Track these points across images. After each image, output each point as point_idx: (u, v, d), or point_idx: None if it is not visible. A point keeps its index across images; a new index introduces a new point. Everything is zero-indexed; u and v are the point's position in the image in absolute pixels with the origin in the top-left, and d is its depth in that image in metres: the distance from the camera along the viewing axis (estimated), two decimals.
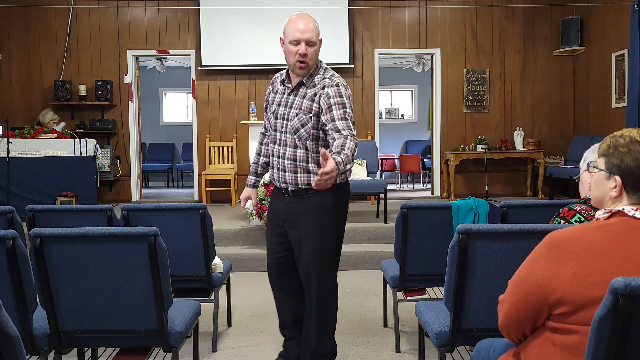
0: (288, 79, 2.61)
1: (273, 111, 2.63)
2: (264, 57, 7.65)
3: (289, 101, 2.57)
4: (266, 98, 2.75)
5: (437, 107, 8.03)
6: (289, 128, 2.55)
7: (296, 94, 2.56)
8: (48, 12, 7.77)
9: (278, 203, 2.67)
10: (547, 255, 1.35)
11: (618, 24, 6.78)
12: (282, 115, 2.58)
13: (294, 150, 2.55)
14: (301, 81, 2.55)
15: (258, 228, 5.57)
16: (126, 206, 3.09)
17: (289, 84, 2.60)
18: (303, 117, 2.52)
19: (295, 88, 2.57)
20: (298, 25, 2.48)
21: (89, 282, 2.18)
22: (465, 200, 3.23)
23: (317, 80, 2.54)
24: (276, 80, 2.70)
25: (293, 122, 2.53)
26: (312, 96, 2.52)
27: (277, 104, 2.63)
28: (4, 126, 6.19)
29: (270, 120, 2.66)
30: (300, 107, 2.53)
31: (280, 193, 2.67)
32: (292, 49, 2.46)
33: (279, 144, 2.60)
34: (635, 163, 1.37)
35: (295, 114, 2.53)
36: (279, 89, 2.66)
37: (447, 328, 2.26)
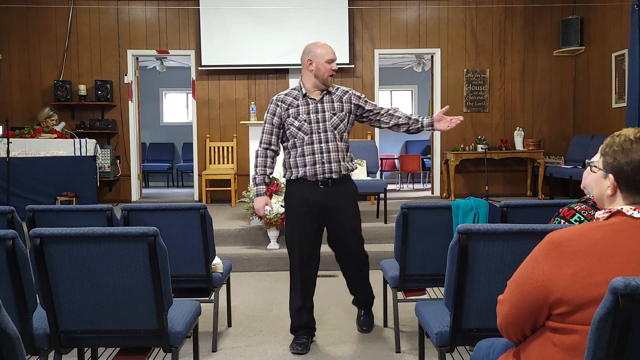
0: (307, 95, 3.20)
1: (305, 119, 3.15)
2: (264, 57, 7.66)
3: (319, 108, 3.18)
4: (277, 116, 3.21)
5: (437, 107, 8.03)
6: (329, 126, 3.16)
7: (322, 101, 3.19)
8: (48, 12, 7.77)
9: (313, 195, 3.15)
10: (547, 255, 1.35)
11: (618, 24, 6.78)
12: (316, 119, 3.16)
13: (335, 143, 3.16)
14: (327, 91, 3.21)
15: (258, 228, 5.57)
16: (126, 206, 3.09)
17: (311, 97, 3.19)
18: (340, 115, 3.19)
19: (320, 99, 3.19)
20: (330, 49, 3.21)
21: (89, 282, 2.18)
22: (465, 200, 3.23)
23: (334, 90, 3.25)
24: (287, 99, 3.21)
25: (333, 120, 3.17)
26: (339, 100, 3.22)
27: (305, 114, 3.17)
28: (4, 126, 6.19)
29: (302, 128, 3.15)
30: (333, 109, 3.19)
31: (312, 186, 3.15)
32: (327, 66, 3.15)
33: (319, 142, 3.14)
34: (626, 161, 1.37)
35: (332, 114, 3.18)
36: (298, 103, 3.19)
37: (447, 328, 2.26)
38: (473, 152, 7.65)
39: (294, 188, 3.21)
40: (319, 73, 3.16)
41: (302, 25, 7.63)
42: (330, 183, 3.16)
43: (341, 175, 3.18)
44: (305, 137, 3.15)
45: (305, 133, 3.16)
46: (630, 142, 1.37)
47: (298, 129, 3.16)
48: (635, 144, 1.36)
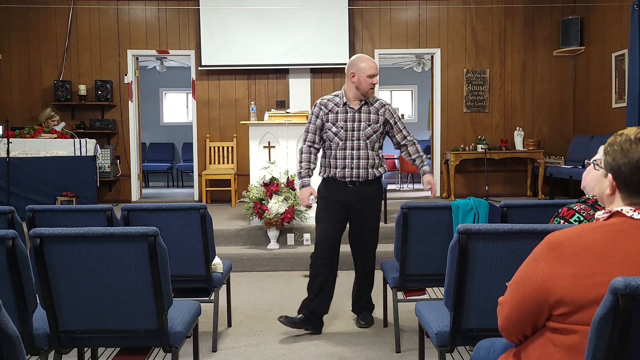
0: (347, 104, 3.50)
1: (341, 127, 3.48)
2: (264, 57, 7.66)
3: (356, 117, 3.49)
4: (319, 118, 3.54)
5: (437, 107, 8.03)
6: (362, 135, 3.47)
7: (360, 111, 3.49)
8: (48, 12, 7.77)
9: (341, 192, 3.50)
10: (547, 256, 1.35)
11: (618, 24, 6.78)
12: (351, 128, 3.48)
13: (366, 152, 3.48)
14: (365, 102, 3.50)
15: (258, 228, 5.57)
16: (126, 206, 3.09)
17: (351, 106, 3.49)
18: (375, 126, 3.50)
19: (358, 109, 3.49)
20: (372, 65, 3.48)
21: (89, 282, 2.18)
22: (465, 200, 3.23)
23: (372, 101, 3.54)
24: (329, 104, 3.54)
25: (366, 131, 3.48)
26: (375, 112, 3.51)
27: (342, 121, 3.49)
28: (4, 126, 6.19)
29: (338, 134, 3.48)
30: (369, 120, 3.49)
31: (341, 185, 3.50)
32: (368, 80, 3.43)
33: (351, 149, 3.48)
34: (624, 161, 1.37)
35: (367, 124, 3.48)
36: (338, 110, 3.50)
37: (447, 328, 2.26)
38: (473, 152, 7.65)
39: (325, 184, 3.59)
40: (360, 86, 3.45)
41: (302, 25, 7.63)
42: (357, 183, 3.50)
43: (367, 179, 3.51)
44: (339, 142, 3.49)
45: (340, 139, 3.49)
46: (630, 143, 1.37)
47: (335, 134, 3.50)
48: (635, 144, 1.36)
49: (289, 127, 5.69)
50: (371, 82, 3.44)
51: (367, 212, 3.57)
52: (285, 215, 5.22)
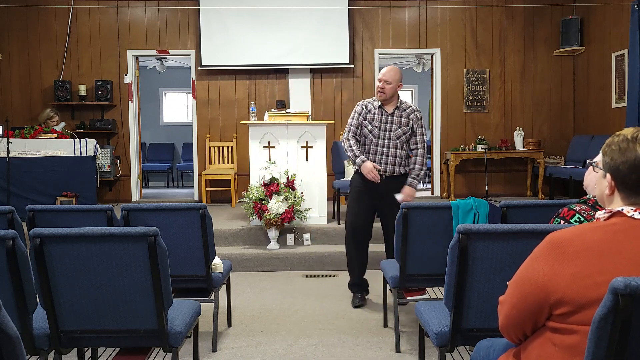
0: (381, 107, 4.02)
1: (376, 126, 3.99)
2: (264, 57, 7.66)
3: (389, 119, 4.00)
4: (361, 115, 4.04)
5: (437, 107, 8.03)
6: (393, 136, 3.98)
7: (393, 114, 4.01)
8: (48, 12, 7.77)
9: (370, 184, 3.94)
10: (547, 255, 1.35)
11: (618, 24, 6.78)
12: (384, 128, 3.99)
13: (395, 150, 3.99)
14: (397, 107, 4.01)
15: (258, 228, 5.57)
16: (126, 206, 3.09)
17: (385, 109, 4.02)
18: (405, 128, 4.01)
19: (392, 112, 4.01)
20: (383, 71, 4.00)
21: (89, 282, 2.18)
22: (465, 200, 3.23)
23: (405, 107, 4.05)
24: (368, 105, 4.06)
25: (397, 132, 3.99)
26: (407, 117, 4.02)
27: (378, 121, 4.00)
28: (4, 126, 6.19)
29: (373, 132, 3.99)
30: (400, 122, 4.00)
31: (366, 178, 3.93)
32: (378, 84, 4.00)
33: (382, 146, 3.99)
34: (622, 160, 1.38)
35: (397, 126, 4.00)
36: (375, 112, 4.02)
37: (447, 328, 2.26)
38: (473, 152, 7.65)
39: (358, 175, 4.05)
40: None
41: (302, 25, 7.63)
42: (384, 177, 3.97)
43: (393, 174, 4.00)
44: (373, 139, 4.00)
45: (374, 136, 4.00)
46: (627, 142, 1.38)
47: (369, 132, 4.01)
48: (632, 144, 1.37)
49: (289, 127, 5.69)
50: (377, 85, 4.00)
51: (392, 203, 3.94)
52: (285, 215, 5.22)
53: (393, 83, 3.96)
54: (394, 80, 3.96)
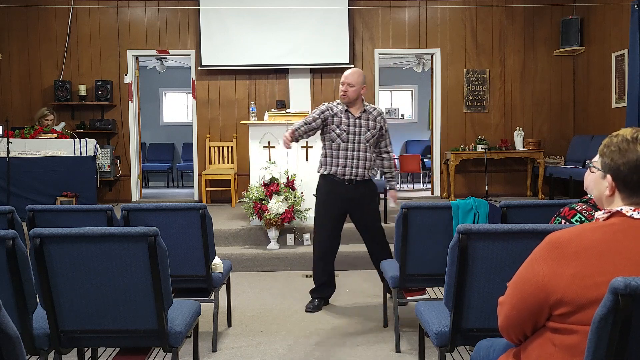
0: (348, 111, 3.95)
1: (344, 130, 3.91)
2: (264, 57, 7.66)
3: (357, 123, 3.94)
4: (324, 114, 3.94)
5: (437, 107, 8.03)
6: (362, 139, 3.92)
7: (360, 118, 3.94)
8: (48, 12, 7.77)
9: (340, 189, 3.93)
10: (547, 256, 1.35)
11: (618, 24, 6.78)
12: (352, 132, 3.92)
13: (365, 153, 3.93)
14: (364, 110, 3.96)
15: (258, 228, 5.57)
16: (126, 206, 3.09)
17: (352, 113, 3.94)
18: (373, 131, 3.96)
19: (359, 116, 3.94)
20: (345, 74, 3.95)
21: (89, 282, 2.18)
22: (465, 200, 3.23)
23: (371, 109, 4.01)
24: (334, 108, 3.97)
25: (366, 135, 3.94)
26: (374, 119, 3.97)
27: (345, 125, 3.92)
28: (4, 126, 6.19)
29: (341, 136, 3.91)
30: (368, 126, 3.95)
31: (340, 183, 3.92)
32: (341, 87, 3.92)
33: (352, 150, 3.91)
34: (622, 161, 1.37)
35: (366, 129, 3.94)
36: (341, 116, 3.93)
37: (447, 328, 2.26)
38: (473, 152, 7.65)
39: (325, 180, 3.99)
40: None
41: (302, 25, 7.63)
42: (354, 181, 3.92)
43: (364, 177, 3.95)
44: (341, 143, 3.92)
45: (342, 140, 3.92)
46: (627, 143, 1.38)
47: (337, 135, 3.92)
48: (632, 144, 1.37)
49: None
50: (341, 89, 3.94)
51: (367, 207, 4.00)
52: (285, 215, 5.22)
53: (356, 86, 3.90)
54: (357, 82, 3.90)
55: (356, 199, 3.95)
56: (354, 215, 4.03)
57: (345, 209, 3.99)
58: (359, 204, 3.97)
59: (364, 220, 4.02)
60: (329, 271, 4.06)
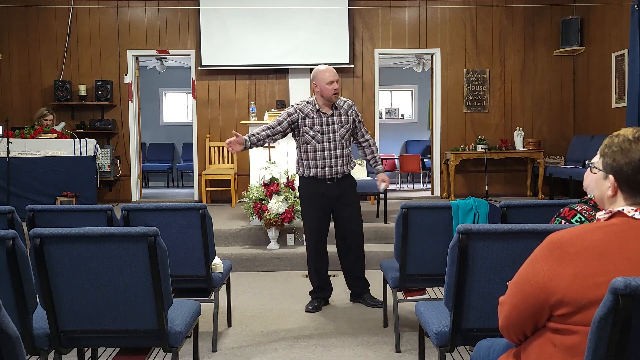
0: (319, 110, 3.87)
1: (318, 130, 3.85)
2: (264, 57, 7.66)
3: (330, 121, 3.88)
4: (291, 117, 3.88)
5: (437, 107, 8.03)
6: (338, 136, 3.88)
7: (332, 115, 3.89)
8: (48, 12, 7.77)
9: (322, 188, 3.90)
10: (548, 256, 1.35)
11: (618, 24, 6.78)
12: (327, 130, 3.87)
13: (342, 150, 3.90)
14: (334, 107, 3.90)
15: (258, 228, 5.57)
16: (126, 206, 3.09)
17: (323, 112, 3.87)
18: (346, 126, 3.92)
19: (331, 114, 3.89)
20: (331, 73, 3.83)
21: (89, 282, 2.18)
22: (465, 200, 3.23)
23: (340, 104, 3.94)
24: (305, 109, 3.88)
25: (340, 132, 3.90)
26: (345, 113, 3.93)
27: (319, 125, 3.86)
28: (4, 126, 6.19)
29: (315, 137, 3.85)
30: (341, 121, 3.90)
31: (321, 182, 3.90)
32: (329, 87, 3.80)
33: (329, 149, 3.87)
34: (625, 161, 1.37)
35: (340, 126, 3.90)
36: (313, 116, 3.86)
37: (447, 328, 2.26)
38: (473, 152, 7.65)
39: (307, 182, 3.97)
40: (323, 94, 3.84)
41: (302, 25, 7.63)
42: (335, 180, 3.92)
43: (345, 174, 3.95)
44: (317, 144, 3.87)
45: (317, 141, 3.87)
46: (629, 142, 1.37)
47: (312, 137, 3.87)
48: (634, 144, 1.36)
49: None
50: (332, 88, 3.82)
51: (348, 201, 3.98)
52: (285, 215, 5.22)
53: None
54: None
55: (339, 196, 3.93)
56: (336, 213, 3.98)
57: (330, 208, 3.96)
58: (341, 200, 3.94)
59: (345, 217, 3.97)
60: (322, 273, 4.04)
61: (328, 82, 3.81)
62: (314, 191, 3.93)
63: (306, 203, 4.00)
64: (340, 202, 3.94)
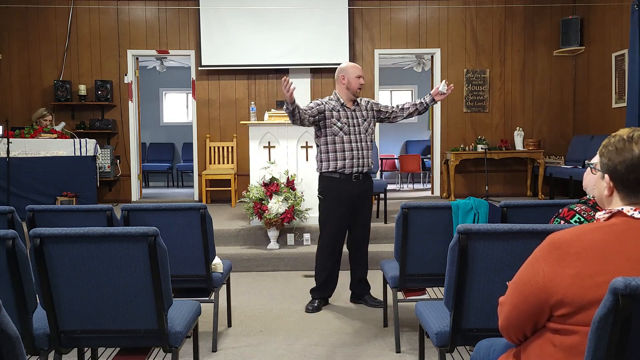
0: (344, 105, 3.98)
1: (345, 123, 3.93)
2: (264, 57, 7.66)
3: (353, 115, 3.98)
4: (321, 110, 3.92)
5: (437, 107, 8.03)
6: (362, 130, 3.98)
7: (355, 110, 4.01)
8: (48, 12, 7.77)
9: (348, 186, 3.93)
10: (548, 256, 1.35)
11: (618, 24, 6.78)
12: (352, 124, 3.96)
13: (366, 143, 3.99)
14: (356, 102, 4.03)
15: (258, 228, 5.57)
16: (126, 206, 3.09)
17: (347, 107, 3.99)
18: (369, 120, 4.04)
19: (353, 109, 4.01)
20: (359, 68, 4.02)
21: (89, 282, 2.18)
22: (465, 200, 3.23)
23: (360, 101, 4.08)
24: (330, 103, 3.97)
25: (364, 125, 4.00)
26: (365, 109, 4.05)
27: (345, 118, 3.95)
28: (4, 126, 6.19)
29: (343, 129, 3.92)
30: (363, 116, 4.02)
31: (347, 180, 3.92)
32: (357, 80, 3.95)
33: (355, 142, 3.93)
34: (619, 160, 1.38)
35: (363, 120, 4.01)
36: (339, 109, 3.95)
37: (447, 328, 2.26)
38: (473, 152, 7.65)
39: (330, 179, 3.96)
40: (350, 86, 3.96)
41: (302, 25, 7.63)
42: (360, 177, 3.96)
43: (369, 169, 4.01)
44: (344, 136, 3.93)
45: (344, 133, 3.93)
46: (623, 142, 1.38)
47: (339, 129, 3.93)
48: (628, 143, 1.37)
49: (289, 127, 5.69)
50: (359, 82, 3.96)
51: (367, 202, 4.06)
52: (285, 215, 5.22)
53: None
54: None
55: (361, 195, 3.98)
56: (354, 212, 4.01)
57: (352, 206, 3.98)
58: (361, 200, 3.99)
59: (360, 219, 4.03)
60: (334, 272, 4.05)
61: (357, 76, 3.96)
62: (339, 188, 3.93)
63: (330, 201, 3.96)
64: (360, 201, 3.99)
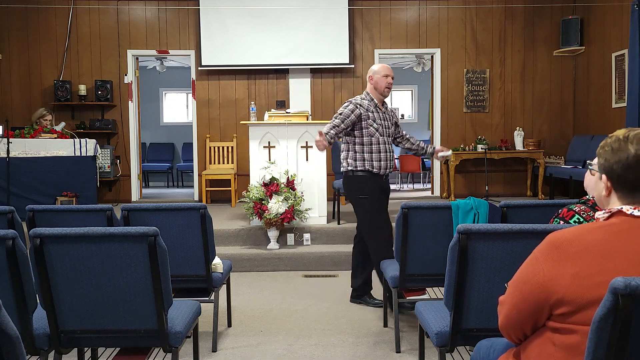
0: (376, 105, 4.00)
1: (380, 124, 3.97)
2: (264, 57, 7.66)
3: (384, 116, 4.03)
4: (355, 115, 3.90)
5: (437, 107, 8.03)
6: (390, 132, 4.07)
7: (385, 111, 4.06)
8: (48, 12, 7.77)
9: (379, 184, 3.98)
10: (548, 256, 1.35)
11: (618, 24, 6.78)
12: (385, 125, 4.01)
13: (392, 145, 4.09)
14: (384, 103, 4.10)
15: (258, 228, 5.57)
16: (126, 206, 3.09)
17: (379, 108, 4.01)
18: (392, 121, 4.11)
19: (384, 110, 4.06)
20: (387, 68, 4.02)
21: (89, 282, 2.18)
22: (465, 200, 3.23)
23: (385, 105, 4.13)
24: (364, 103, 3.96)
25: (391, 129, 4.09)
26: (390, 112, 4.13)
27: (380, 119, 3.98)
28: (4, 126, 6.19)
29: (379, 130, 3.96)
30: (390, 118, 4.08)
31: (378, 178, 3.97)
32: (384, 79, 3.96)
33: (384, 143, 3.98)
34: (615, 160, 1.38)
35: (390, 123, 4.08)
36: (373, 110, 3.96)
37: (447, 328, 2.26)
38: (473, 152, 7.65)
39: (365, 177, 3.95)
40: (377, 85, 3.98)
41: (302, 25, 7.63)
42: (387, 175, 4.06)
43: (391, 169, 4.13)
44: (380, 137, 3.96)
45: (380, 134, 3.97)
46: (619, 142, 1.39)
47: (376, 130, 3.95)
48: (624, 143, 1.38)
49: (289, 127, 5.69)
50: (387, 82, 3.97)
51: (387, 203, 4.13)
52: (285, 215, 5.22)
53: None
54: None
55: (387, 191, 4.11)
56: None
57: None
58: (387, 198, 4.13)
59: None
60: None
61: (384, 75, 3.97)
62: (376, 184, 3.97)
63: (374, 198, 3.95)
64: (386, 200, 4.09)
